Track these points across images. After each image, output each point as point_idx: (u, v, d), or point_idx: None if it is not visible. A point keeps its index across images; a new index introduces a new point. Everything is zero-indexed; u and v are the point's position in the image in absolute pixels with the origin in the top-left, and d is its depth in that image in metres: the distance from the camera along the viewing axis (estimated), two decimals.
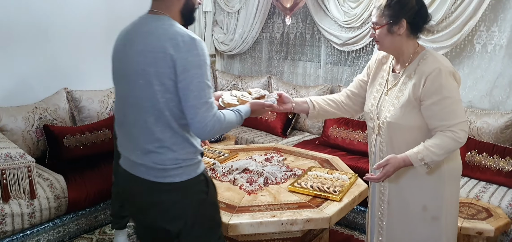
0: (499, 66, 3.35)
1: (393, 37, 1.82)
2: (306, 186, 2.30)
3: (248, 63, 5.05)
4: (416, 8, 1.80)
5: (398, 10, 1.78)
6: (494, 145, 3.13)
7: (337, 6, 4.05)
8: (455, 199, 1.97)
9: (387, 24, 1.80)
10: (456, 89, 1.79)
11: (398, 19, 1.79)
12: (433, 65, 1.77)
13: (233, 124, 1.72)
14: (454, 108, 1.76)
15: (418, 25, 1.83)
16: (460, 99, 1.80)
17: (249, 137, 4.09)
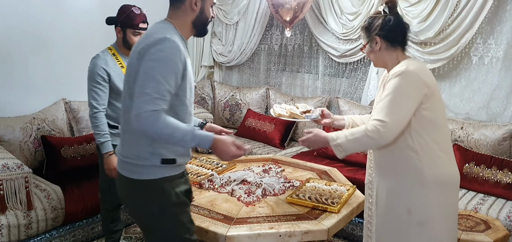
0: (496, 78, 3.37)
1: (375, 53, 1.99)
2: (304, 197, 2.29)
3: (246, 75, 5.07)
4: (382, 23, 1.93)
5: (369, 30, 1.97)
6: (491, 156, 3.13)
7: (335, 19, 4.07)
8: (445, 209, 1.91)
9: (367, 44, 1.99)
10: (404, 93, 1.81)
11: (372, 37, 1.96)
12: (399, 68, 1.86)
13: (172, 134, 1.58)
14: (387, 106, 1.82)
15: (392, 37, 1.93)
16: (400, 103, 1.81)
17: (247, 148, 4.08)
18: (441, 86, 3.66)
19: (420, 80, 1.82)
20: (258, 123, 4.36)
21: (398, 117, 1.81)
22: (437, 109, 1.88)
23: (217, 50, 5.02)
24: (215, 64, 5.16)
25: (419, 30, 3.49)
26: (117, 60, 2.54)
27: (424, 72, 1.86)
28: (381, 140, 1.82)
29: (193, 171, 2.72)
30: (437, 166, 1.87)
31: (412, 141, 1.85)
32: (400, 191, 1.92)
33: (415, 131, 1.84)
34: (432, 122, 1.86)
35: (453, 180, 1.94)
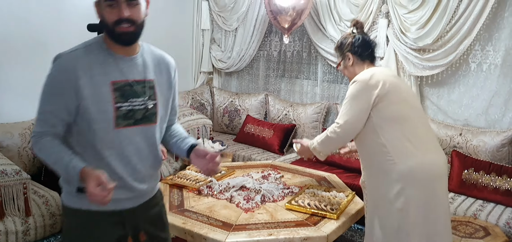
0: (495, 85, 3.38)
1: (348, 68, 2.28)
2: (303, 204, 2.29)
3: (245, 81, 5.07)
4: (352, 41, 2.24)
5: (341, 49, 2.29)
6: (490, 163, 3.14)
7: (333, 25, 4.09)
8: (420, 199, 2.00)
9: (341, 61, 2.30)
10: (355, 97, 2.09)
11: (344, 55, 2.27)
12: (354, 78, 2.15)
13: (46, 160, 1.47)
14: (342, 110, 2.14)
15: (361, 53, 2.23)
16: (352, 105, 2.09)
17: (246, 154, 4.09)
18: (440, 93, 3.67)
19: (367, 85, 2.06)
20: (257, 128, 4.36)
21: (350, 119, 2.09)
22: (399, 105, 2.07)
23: (216, 56, 5.03)
24: (214, 70, 5.17)
25: (418, 37, 3.50)
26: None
27: (375, 77, 2.07)
28: (339, 138, 2.16)
29: (191, 177, 2.72)
30: (408, 158, 2.00)
31: (378, 137, 2.05)
32: (382, 186, 2.06)
33: (379, 128, 2.05)
34: (394, 118, 2.05)
35: (428, 169, 2.03)
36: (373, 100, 2.04)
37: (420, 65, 3.57)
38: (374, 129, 2.06)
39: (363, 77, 2.09)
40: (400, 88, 2.14)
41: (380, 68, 2.29)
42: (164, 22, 4.67)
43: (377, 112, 2.05)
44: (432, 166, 2.05)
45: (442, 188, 2.09)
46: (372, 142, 2.08)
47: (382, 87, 2.04)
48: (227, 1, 4.75)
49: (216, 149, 3.77)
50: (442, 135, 3.46)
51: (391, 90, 2.06)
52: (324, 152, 2.27)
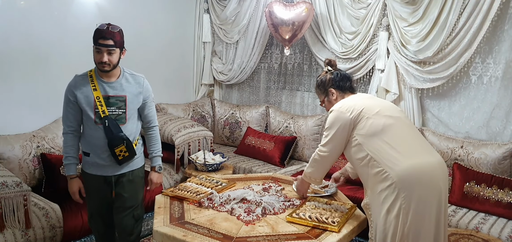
0: (495, 97, 3.38)
1: (332, 102, 2.45)
2: (304, 216, 2.28)
3: (246, 93, 5.08)
4: (332, 77, 2.46)
5: (323, 86, 2.50)
6: (492, 175, 3.13)
7: (334, 38, 4.11)
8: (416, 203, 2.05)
9: (324, 98, 2.51)
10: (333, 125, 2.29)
11: (327, 91, 2.48)
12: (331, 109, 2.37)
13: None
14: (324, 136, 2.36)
15: (342, 86, 2.45)
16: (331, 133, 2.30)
17: (247, 166, 4.08)
18: (441, 105, 3.68)
19: (341, 112, 2.27)
20: (258, 141, 4.36)
21: (331, 142, 2.30)
22: (373, 120, 2.20)
23: (217, 69, 5.05)
24: (215, 83, 5.18)
25: (418, 50, 3.52)
26: (92, 82, 2.44)
27: (344, 104, 2.29)
28: (323, 161, 2.38)
29: (192, 189, 2.71)
30: (396, 165, 2.08)
31: (365, 153, 2.18)
32: (380, 198, 2.13)
33: (365, 145, 2.18)
34: (374, 130, 2.18)
35: (417, 173, 2.08)
36: (349, 123, 2.24)
37: (420, 78, 3.58)
38: (361, 148, 2.20)
39: (337, 106, 2.33)
40: (372, 105, 2.29)
41: (354, 96, 2.45)
42: (166, 35, 4.70)
43: (358, 132, 2.22)
44: (425, 170, 2.09)
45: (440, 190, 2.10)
46: (362, 159, 2.20)
47: (354, 110, 2.25)
48: (229, 14, 4.78)
49: (217, 161, 3.76)
50: (443, 148, 3.45)
51: (364, 109, 2.24)
52: (314, 175, 2.46)
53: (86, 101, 2.42)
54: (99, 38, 2.35)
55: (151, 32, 4.51)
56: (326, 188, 2.84)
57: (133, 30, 4.27)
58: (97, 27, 2.39)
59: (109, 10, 4.01)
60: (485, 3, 3.19)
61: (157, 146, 2.73)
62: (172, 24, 4.78)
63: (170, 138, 3.91)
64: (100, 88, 2.44)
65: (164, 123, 4.06)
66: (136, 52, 4.31)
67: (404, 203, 2.04)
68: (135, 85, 2.54)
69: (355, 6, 3.94)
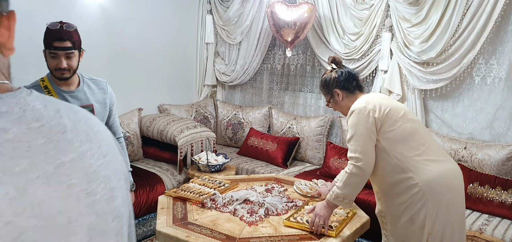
0: (499, 98, 3.37)
1: (339, 103, 2.29)
2: (302, 220, 2.26)
3: (249, 94, 5.09)
4: (337, 77, 2.26)
5: (327, 87, 2.30)
6: (496, 177, 3.11)
7: (337, 39, 4.10)
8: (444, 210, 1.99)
9: (330, 98, 2.30)
10: (360, 126, 2.04)
11: (332, 91, 2.27)
12: (350, 110, 2.13)
13: None
14: (350, 144, 2.07)
15: (348, 86, 2.24)
16: (361, 135, 2.03)
17: (249, 167, 4.08)
18: (444, 106, 3.67)
19: (367, 112, 2.04)
20: (260, 141, 4.35)
21: (365, 149, 2.02)
22: (399, 124, 2.05)
23: (220, 70, 5.05)
24: (218, 83, 5.18)
25: (421, 51, 3.51)
26: (49, 93, 2.08)
27: (371, 102, 2.08)
28: (361, 172, 2.03)
29: (195, 190, 2.71)
30: (425, 172, 1.99)
31: (394, 161, 2.02)
32: (402, 207, 2.04)
33: (392, 151, 2.03)
34: (401, 135, 2.04)
35: (445, 178, 2.03)
36: (375, 124, 2.03)
37: (424, 79, 3.57)
38: (385, 153, 2.04)
39: (360, 105, 2.08)
40: (397, 106, 2.13)
41: (372, 94, 2.29)
42: (169, 36, 4.71)
43: (383, 135, 2.04)
44: (451, 176, 2.05)
45: (462, 196, 2.10)
46: (386, 165, 2.05)
47: (379, 110, 2.05)
48: (231, 15, 4.79)
49: (220, 161, 3.76)
50: (446, 149, 3.44)
51: (390, 110, 2.06)
52: (349, 197, 2.08)
53: None
54: (53, 41, 2.00)
55: (154, 33, 4.51)
56: None
57: (136, 31, 4.28)
58: (48, 26, 2.03)
59: (112, 11, 4.02)
60: (489, 4, 3.18)
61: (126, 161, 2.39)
62: (175, 25, 4.78)
63: (173, 139, 3.91)
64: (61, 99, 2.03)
65: (167, 124, 4.07)
66: (139, 53, 4.33)
67: (431, 211, 1.96)
68: (99, 92, 2.25)
69: (358, 7, 3.94)
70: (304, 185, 2.86)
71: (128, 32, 4.19)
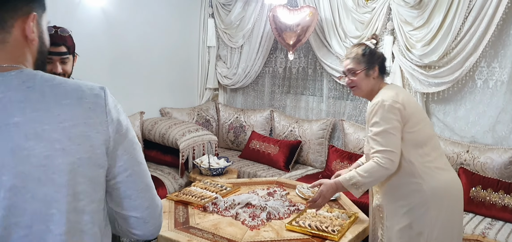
0: (501, 101, 3.36)
1: (369, 80, 2.14)
2: (304, 225, 2.26)
3: (250, 97, 5.09)
4: (382, 57, 2.19)
5: (372, 57, 2.14)
6: (498, 180, 3.10)
7: (339, 42, 4.10)
8: (443, 217, 1.98)
9: (365, 69, 2.12)
10: (390, 120, 1.96)
11: (372, 65, 2.13)
12: (377, 99, 2.03)
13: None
14: (382, 137, 1.96)
15: (384, 69, 2.18)
16: (392, 130, 1.96)
17: (251, 170, 4.07)
18: (446, 110, 3.66)
19: (396, 106, 1.97)
20: (262, 145, 4.35)
21: (397, 143, 1.96)
22: (420, 127, 2.02)
23: (221, 73, 5.06)
24: (219, 87, 5.19)
25: (423, 54, 3.51)
26: None
27: (398, 96, 2.01)
28: (393, 168, 1.96)
29: (197, 193, 2.71)
30: (433, 179, 1.97)
31: (406, 163, 1.99)
32: (404, 210, 2.02)
33: (407, 152, 1.99)
34: (420, 139, 2.00)
35: (452, 187, 2.02)
36: (402, 121, 1.97)
37: (426, 82, 3.57)
38: (402, 156, 1.98)
39: (389, 97, 1.99)
40: (420, 108, 2.08)
41: (399, 86, 2.24)
42: (171, 39, 4.71)
43: (403, 135, 1.98)
44: (455, 185, 2.04)
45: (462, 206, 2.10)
46: (400, 170, 2.00)
47: (408, 108, 1.99)
48: (233, 19, 4.79)
49: (221, 165, 3.76)
50: (449, 152, 3.43)
51: (414, 110, 2.02)
52: (367, 187, 2.07)
53: None
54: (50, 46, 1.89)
55: (156, 37, 4.52)
56: None
57: (138, 35, 4.29)
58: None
59: (114, 15, 4.03)
60: (491, 7, 3.18)
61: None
62: (177, 29, 4.79)
63: (174, 142, 3.92)
64: None
65: (169, 127, 4.07)
66: (141, 57, 4.33)
67: (432, 219, 1.95)
68: None
69: (359, 10, 3.94)
70: (306, 189, 2.86)
71: (130, 35, 4.19)
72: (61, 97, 0.89)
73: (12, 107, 0.85)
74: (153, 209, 1.02)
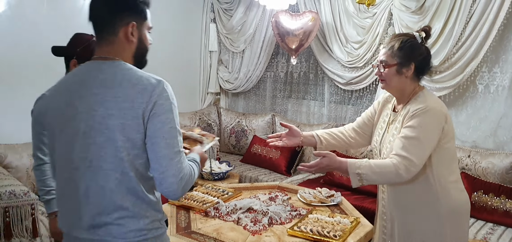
0: (503, 106, 3.36)
1: (400, 78, 1.89)
2: (305, 230, 2.26)
3: (252, 101, 5.10)
4: (425, 54, 1.90)
5: (410, 53, 1.87)
6: (500, 185, 3.10)
7: (340, 47, 4.11)
8: (457, 235, 1.92)
9: (397, 64, 1.88)
10: (430, 131, 1.79)
11: (408, 62, 1.87)
12: (420, 104, 1.83)
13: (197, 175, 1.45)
14: (411, 144, 1.78)
15: (423, 70, 1.92)
16: (424, 140, 1.78)
17: (253, 174, 4.08)
18: None
19: (443, 116, 1.81)
20: (264, 149, 4.36)
21: (424, 157, 1.79)
22: (453, 141, 1.89)
23: (223, 77, 5.07)
24: (221, 91, 5.20)
25: None
26: None
27: (444, 107, 1.86)
28: (407, 177, 1.78)
29: (198, 198, 2.72)
30: (450, 196, 1.87)
31: (432, 177, 1.85)
32: (415, 224, 1.92)
33: (436, 165, 1.84)
34: (450, 155, 1.88)
35: (465, 206, 1.94)
36: (441, 134, 1.81)
37: (427, 87, 3.56)
38: (431, 168, 1.85)
39: (436, 105, 1.82)
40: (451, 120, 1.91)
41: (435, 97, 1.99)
42: (173, 44, 4.73)
43: (440, 149, 1.83)
44: (468, 202, 1.96)
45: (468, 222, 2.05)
46: (422, 181, 1.86)
47: (449, 120, 1.84)
48: (235, 24, 4.81)
49: (223, 169, 3.76)
50: None
51: (452, 125, 1.87)
52: (368, 183, 1.86)
53: None
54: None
55: (158, 41, 4.49)
56: (332, 197, 2.84)
57: None
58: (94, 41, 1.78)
59: None
60: (491, 13, 3.18)
61: None
62: (179, 33, 4.81)
63: None
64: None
65: None
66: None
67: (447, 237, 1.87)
68: None
69: (361, 15, 3.95)
70: (308, 194, 2.86)
71: None
72: (123, 81, 1.31)
73: (96, 83, 1.32)
74: (166, 176, 1.31)
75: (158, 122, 1.30)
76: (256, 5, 4.58)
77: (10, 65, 3.37)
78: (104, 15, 1.37)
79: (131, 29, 1.37)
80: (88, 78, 1.34)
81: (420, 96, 1.89)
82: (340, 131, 2.26)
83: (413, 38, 1.90)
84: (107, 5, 1.37)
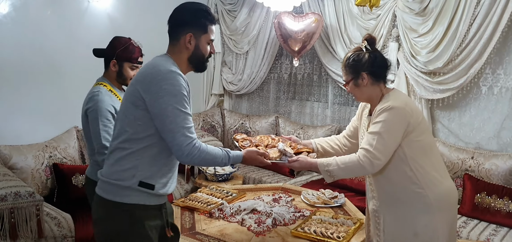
0: (506, 108, 3.36)
1: (361, 88, 2.04)
2: (309, 231, 2.27)
3: (256, 103, 5.11)
4: (371, 60, 2.01)
5: (355, 66, 2.03)
6: (503, 187, 3.10)
7: (344, 48, 4.12)
8: (447, 224, 1.98)
9: (352, 79, 2.04)
10: (392, 127, 1.90)
11: (358, 74, 2.02)
12: (386, 103, 1.94)
13: (216, 158, 1.79)
14: (373, 139, 1.91)
15: (378, 73, 2.02)
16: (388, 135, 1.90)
17: (256, 176, 4.09)
18: (451, 116, 3.66)
19: (406, 114, 1.91)
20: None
21: (387, 150, 1.91)
22: (426, 134, 1.98)
23: (227, 79, 5.08)
24: (225, 93, 5.21)
25: (428, 60, 3.51)
26: (115, 95, 2.33)
27: (408, 104, 1.96)
28: (372, 170, 1.93)
29: (203, 199, 2.73)
30: (437, 187, 1.95)
31: (411, 171, 1.94)
32: (406, 218, 1.97)
33: (412, 160, 1.93)
34: (424, 148, 1.96)
35: (452, 194, 2.02)
36: (406, 129, 1.91)
37: (430, 89, 3.57)
38: (404, 159, 1.94)
39: (398, 104, 1.92)
40: (424, 116, 2.03)
41: (404, 94, 2.16)
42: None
43: (409, 143, 1.93)
44: (455, 193, 2.04)
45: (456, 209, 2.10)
46: (399, 172, 1.96)
47: (416, 116, 1.94)
48: (239, 25, 4.82)
49: (227, 171, 3.77)
50: (453, 158, 3.43)
51: (420, 118, 1.97)
52: (338, 178, 2.04)
53: None
54: (138, 56, 2.42)
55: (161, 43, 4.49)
56: (335, 199, 2.84)
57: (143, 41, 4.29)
58: (132, 43, 2.42)
59: (120, 21, 4.07)
60: (495, 14, 3.18)
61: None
62: None
63: None
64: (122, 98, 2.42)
65: None
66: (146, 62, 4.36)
67: (437, 226, 1.93)
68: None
69: (365, 17, 3.95)
70: (311, 195, 2.87)
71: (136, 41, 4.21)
72: (142, 72, 1.75)
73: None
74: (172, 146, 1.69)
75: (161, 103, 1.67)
76: (260, 6, 4.59)
77: (15, 67, 3.39)
78: (171, 26, 1.81)
79: (189, 39, 1.78)
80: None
81: (386, 97, 2.00)
82: (333, 140, 2.40)
83: (359, 50, 2.05)
84: (173, 19, 1.80)
